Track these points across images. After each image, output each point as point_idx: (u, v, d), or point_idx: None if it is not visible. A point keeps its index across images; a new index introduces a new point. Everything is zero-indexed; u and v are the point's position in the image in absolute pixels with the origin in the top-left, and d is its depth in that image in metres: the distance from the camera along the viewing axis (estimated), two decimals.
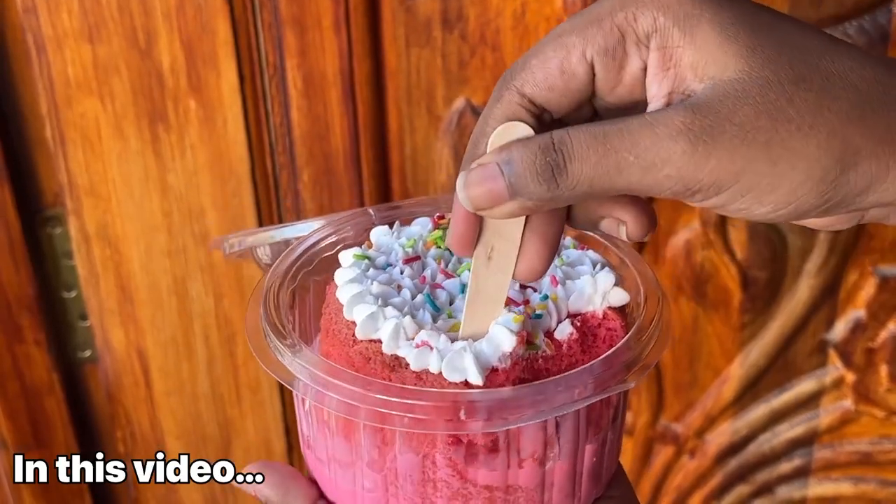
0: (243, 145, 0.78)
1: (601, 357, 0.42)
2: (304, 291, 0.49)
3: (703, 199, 0.37)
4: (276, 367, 0.43)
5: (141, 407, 0.88)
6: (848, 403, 0.90)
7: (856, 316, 0.86)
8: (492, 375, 0.41)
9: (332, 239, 0.50)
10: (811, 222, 0.41)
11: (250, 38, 0.74)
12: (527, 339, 0.42)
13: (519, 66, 0.39)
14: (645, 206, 0.41)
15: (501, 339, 0.42)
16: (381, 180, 0.81)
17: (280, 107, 0.77)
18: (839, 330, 0.87)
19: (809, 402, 0.91)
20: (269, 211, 0.81)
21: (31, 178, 0.80)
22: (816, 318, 0.87)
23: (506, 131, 0.39)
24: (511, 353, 0.41)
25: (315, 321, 0.48)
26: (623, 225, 0.40)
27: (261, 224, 0.81)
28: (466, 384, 0.40)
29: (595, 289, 0.45)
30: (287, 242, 0.55)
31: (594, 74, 0.39)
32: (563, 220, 0.41)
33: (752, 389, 0.90)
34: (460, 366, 0.41)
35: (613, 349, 0.43)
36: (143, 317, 0.84)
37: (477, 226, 0.40)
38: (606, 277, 0.45)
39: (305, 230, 0.52)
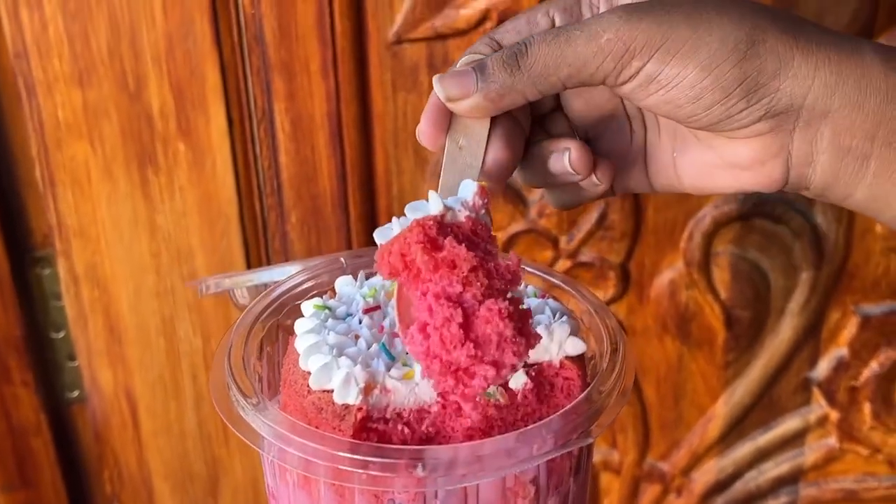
0: (232, 187, 0.79)
1: (560, 411, 0.43)
2: (274, 340, 0.49)
3: (640, 66, 0.43)
4: (240, 426, 0.43)
5: (128, 447, 0.89)
6: (832, 441, 0.91)
7: (839, 354, 0.87)
8: (455, 228, 0.42)
9: (307, 286, 0.51)
10: (740, 154, 0.46)
11: (239, 83, 0.76)
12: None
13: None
14: (585, 143, 0.48)
15: (464, 189, 0.44)
16: (369, 222, 0.81)
17: (268, 150, 0.78)
18: (822, 368, 0.88)
19: (794, 440, 0.91)
20: (258, 252, 0.82)
21: (20, 219, 0.81)
22: (800, 356, 0.88)
23: (469, 59, 0.47)
24: (472, 203, 0.43)
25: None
26: (567, 151, 0.47)
27: (248, 265, 0.82)
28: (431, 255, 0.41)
29: (551, 338, 0.45)
30: (265, 286, 0.55)
31: (554, 27, 0.48)
32: (524, 133, 0.48)
33: (737, 427, 0.91)
34: (423, 206, 0.43)
35: (574, 402, 0.43)
36: (131, 357, 0.85)
37: (447, 117, 0.46)
38: (562, 327, 0.45)
39: (282, 275, 0.53)
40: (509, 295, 0.41)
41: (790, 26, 0.44)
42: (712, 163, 0.47)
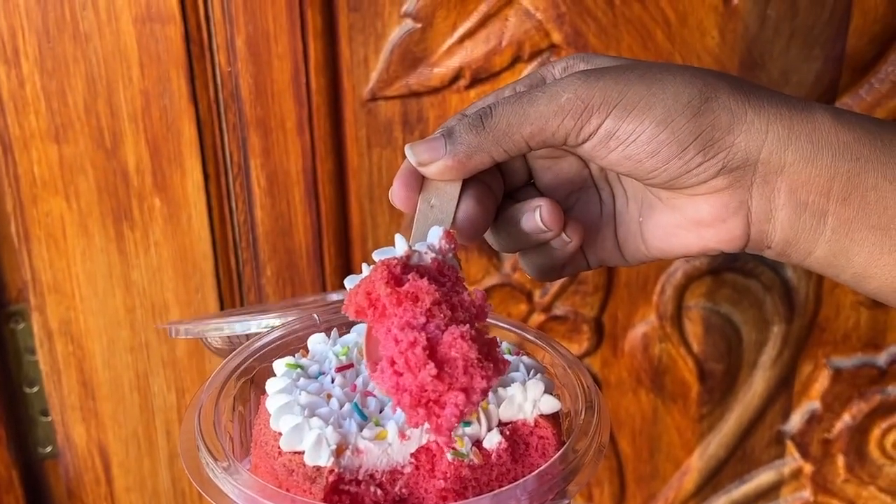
0: (207, 242, 0.79)
1: (536, 471, 0.42)
2: (246, 398, 0.49)
3: (599, 123, 0.45)
4: (210, 489, 0.43)
5: (101, 503, 0.88)
6: (807, 494, 0.91)
7: (811, 407, 0.88)
8: (421, 269, 0.43)
9: (281, 342, 0.50)
10: (701, 211, 0.47)
11: (215, 139, 0.76)
12: (453, 445, 0.42)
13: None
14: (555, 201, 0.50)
15: (432, 235, 0.45)
16: (344, 275, 0.81)
17: (244, 204, 0.78)
18: (795, 421, 0.89)
19: (769, 492, 0.92)
20: (233, 306, 0.82)
21: None
22: (773, 409, 0.88)
23: (440, 129, 0.48)
24: (439, 246, 0.44)
25: None
26: (538, 208, 0.48)
27: None
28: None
29: (525, 397, 0.44)
30: (236, 336, 0.55)
31: None
32: (496, 199, 0.49)
33: (712, 481, 0.91)
34: (390, 251, 0.43)
35: (549, 462, 0.43)
36: (105, 412, 0.84)
37: (419, 180, 0.47)
38: (536, 385, 0.45)
39: (254, 327, 0.53)
40: (476, 325, 0.42)
41: (740, 85, 0.46)
42: (676, 223, 0.48)
